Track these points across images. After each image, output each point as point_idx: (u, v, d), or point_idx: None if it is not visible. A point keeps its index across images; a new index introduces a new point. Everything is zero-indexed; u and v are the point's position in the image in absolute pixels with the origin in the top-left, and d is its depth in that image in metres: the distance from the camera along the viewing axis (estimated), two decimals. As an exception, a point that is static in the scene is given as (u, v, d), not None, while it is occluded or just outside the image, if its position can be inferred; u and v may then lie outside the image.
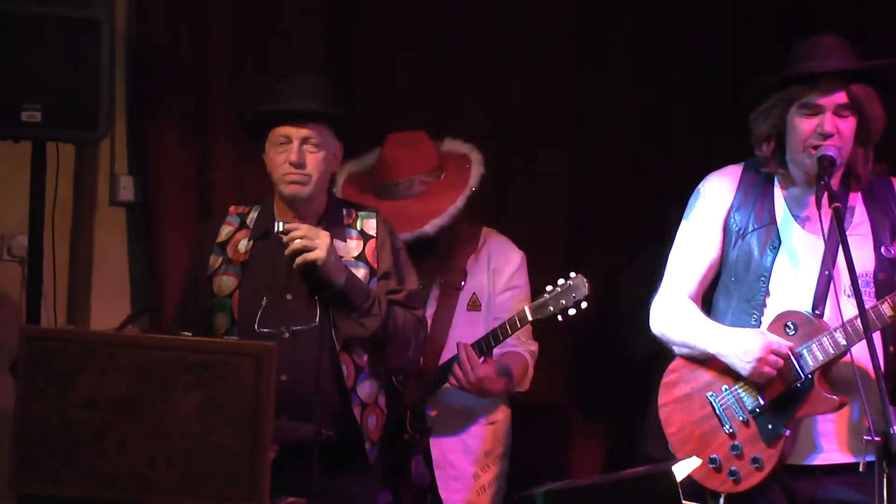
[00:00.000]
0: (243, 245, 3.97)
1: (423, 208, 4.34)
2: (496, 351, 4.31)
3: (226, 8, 4.82)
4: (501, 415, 4.46)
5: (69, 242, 4.74)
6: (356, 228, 4.00)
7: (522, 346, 4.40)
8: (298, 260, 3.78)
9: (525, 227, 4.76)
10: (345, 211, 4.03)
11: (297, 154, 3.86)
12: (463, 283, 4.43)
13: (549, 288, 4.14)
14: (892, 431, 3.12)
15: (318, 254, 3.77)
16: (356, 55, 5.02)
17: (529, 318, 4.17)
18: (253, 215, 4.03)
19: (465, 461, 4.37)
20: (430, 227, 4.32)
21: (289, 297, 3.88)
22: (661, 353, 3.87)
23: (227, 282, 3.94)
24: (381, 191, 4.42)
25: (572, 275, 4.11)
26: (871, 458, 3.24)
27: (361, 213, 4.04)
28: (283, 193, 3.92)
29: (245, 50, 4.84)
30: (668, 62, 5.16)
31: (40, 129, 4.23)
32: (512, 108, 5.09)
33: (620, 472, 3.39)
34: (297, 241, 3.78)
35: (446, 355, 4.34)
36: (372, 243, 3.98)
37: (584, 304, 4.09)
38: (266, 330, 3.81)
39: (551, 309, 4.12)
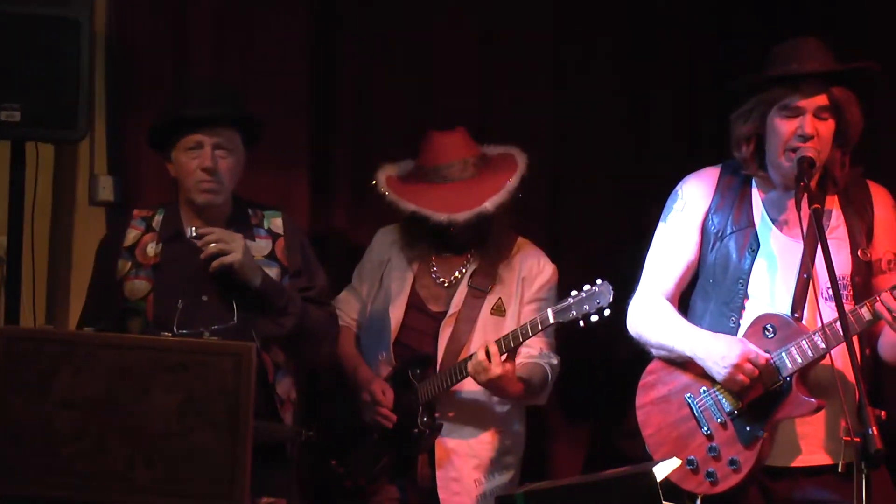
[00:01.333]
0: (152, 248, 3.97)
1: (478, 189, 4.33)
2: (517, 361, 4.27)
3: (206, 8, 4.80)
4: (516, 427, 4.41)
5: (48, 242, 4.72)
6: (264, 227, 4.03)
7: (544, 360, 4.34)
8: (215, 264, 3.81)
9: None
10: (250, 211, 4.05)
11: (211, 160, 3.88)
12: (491, 286, 4.40)
13: (573, 293, 4.09)
14: (869, 433, 3.13)
15: (235, 257, 3.81)
16: (338, 56, 5.01)
17: (551, 320, 4.11)
18: (158, 218, 4.03)
19: (467, 465, 4.31)
20: (490, 203, 4.30)
21: (205, 298, 3.89)
22: (643, 354, 3.88)
23: (139, 286, 3.94)
24: (434, 176, 4.40)
25: (598, 281, 4.05)
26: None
27: (267, 213, 4.06)
28: (196, 201, 3.93)
29: (225, 50, 4.82)
30: (650, 63, 5.16)
31: (19, 128, 4.21)
32: (494, 122, 5.07)
33: (601, 472, 3.39)
34: (213, 245, 3.80)
35: (466, 355, 4.30)
36: (281, 242, 4.02)
37: (607, 312, 4.02)
38: (185, 332, 3.79)
39: (574, 314, 4.06)
